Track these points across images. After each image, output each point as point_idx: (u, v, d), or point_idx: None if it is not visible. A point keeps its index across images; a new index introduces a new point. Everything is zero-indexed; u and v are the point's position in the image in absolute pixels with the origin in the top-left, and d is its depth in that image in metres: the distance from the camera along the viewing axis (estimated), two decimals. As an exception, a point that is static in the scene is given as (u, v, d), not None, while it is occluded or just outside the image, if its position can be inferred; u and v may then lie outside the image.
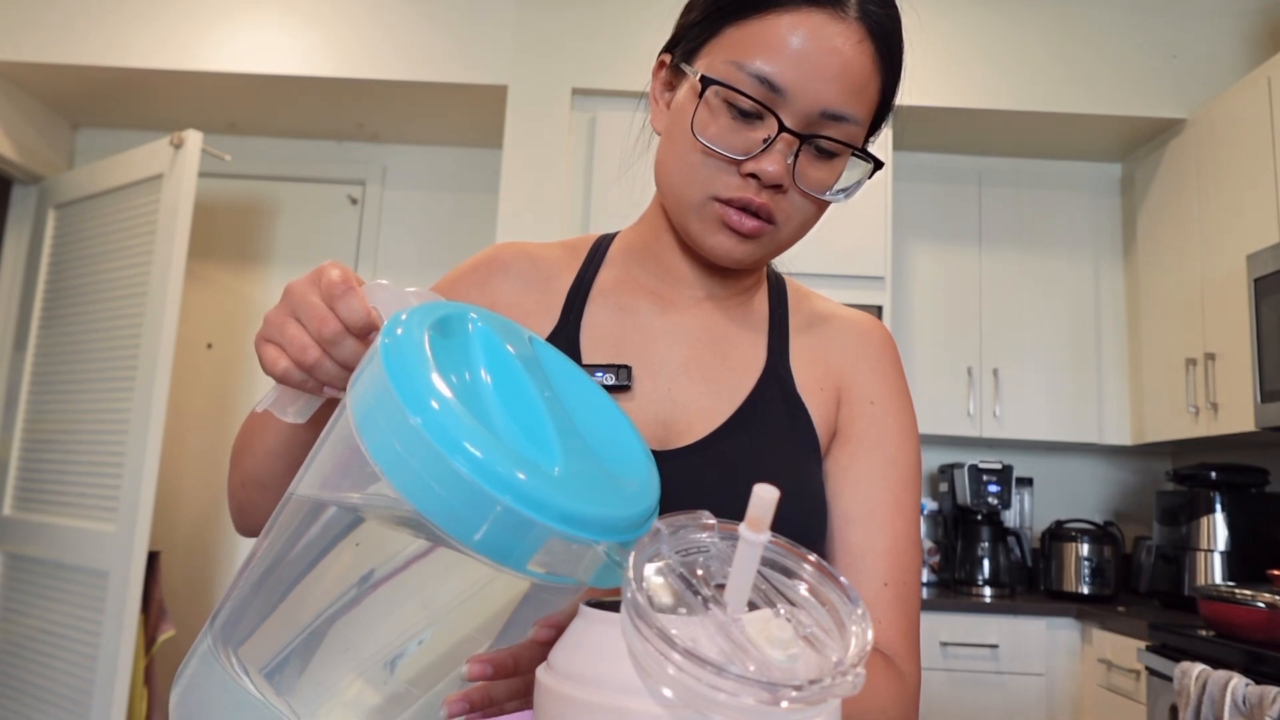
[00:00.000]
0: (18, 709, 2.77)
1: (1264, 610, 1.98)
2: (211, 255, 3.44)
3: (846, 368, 0.80)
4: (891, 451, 0.77)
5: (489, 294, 0.81)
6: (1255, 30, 3.02)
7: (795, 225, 0.73)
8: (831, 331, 0.82)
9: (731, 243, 0.72)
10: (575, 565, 0.43)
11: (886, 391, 0.80)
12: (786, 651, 0.35)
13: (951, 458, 3.32)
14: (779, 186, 0.69)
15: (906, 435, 0.79)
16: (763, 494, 0.36)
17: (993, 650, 2.68)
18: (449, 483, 0.40)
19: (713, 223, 0.72)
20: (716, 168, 0.70)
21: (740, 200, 0.70)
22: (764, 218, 0.70)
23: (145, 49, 2.96)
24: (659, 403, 0.75)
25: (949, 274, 3.22)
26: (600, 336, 0.78)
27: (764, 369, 0.78)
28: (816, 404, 0.78)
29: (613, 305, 0.80)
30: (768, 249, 0.74)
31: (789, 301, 0.84)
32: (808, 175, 0.70)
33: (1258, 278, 2.47)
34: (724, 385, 0.77)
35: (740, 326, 0.80)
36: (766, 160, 0.68)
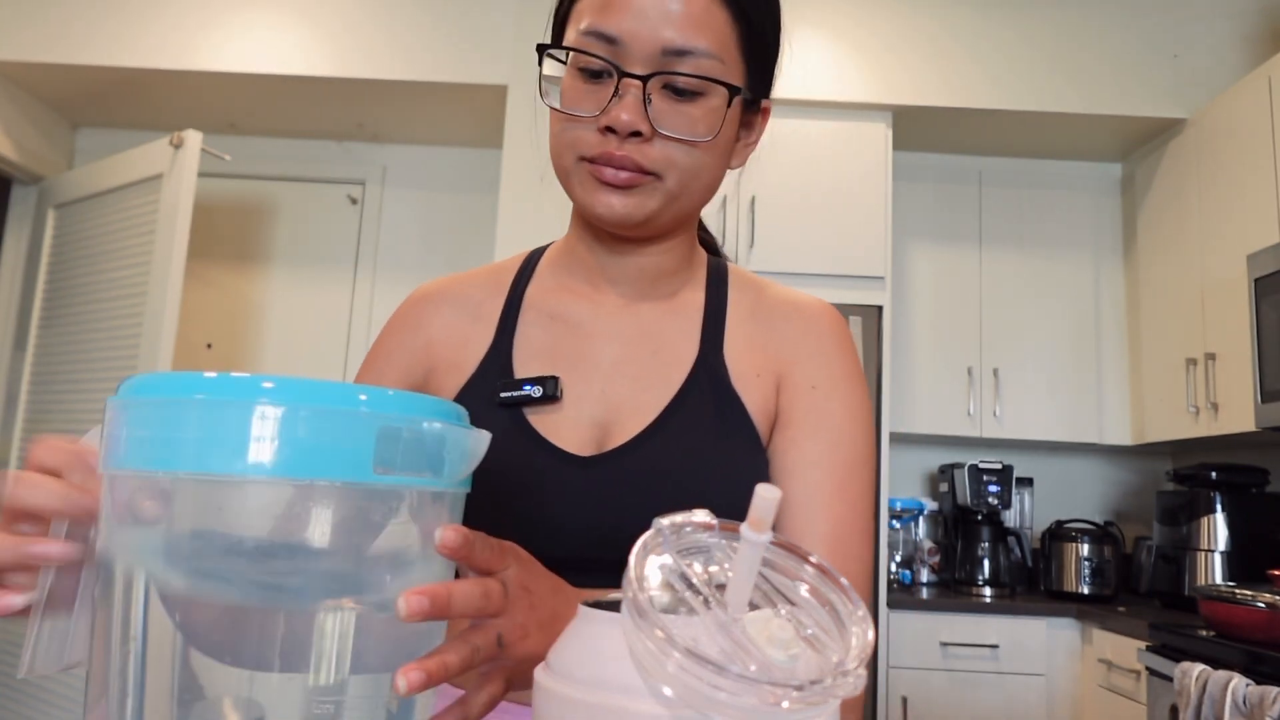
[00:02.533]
0: (18, 709, 2.77)
1: (1264, 610, 1.98)
2: (211, 255, 3.44)
3: (787, 353, 0.78)
4: (833, 436, 0.75)
5: (421, 335, 0.81)
6: (1255, 30, 3.02)
7: (679, 173, 0.71)
8: (774, 318, 0.80)
9: (612, 198, 0.70)
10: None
11: (830, 376, 0.77)
12: (787, 651, 0.35)
13: (951, 458, 3.32)
14: (639, 135, 0.68)
15: (852, 420, 0.76)
16: (764, 494, 0.36)
17: (993, 650, 2.68)
18: (336, 427, 0.40)
19: (589, 183, 0.71)
20: (578, 131, 0.70)
21: (603, 155, 0.69)
22: (631, 168, 0.69)
23: (145, 49, 2.96)
24: (593, 405, 0.75)
25: (949, 274, 3.22)
26: (533, 349, 0.78)
27: (695, 361, 0.77)
28: (752, 392, 0.76)
29: (544, 316, 0.80)
30: (657, 201, 0.71)
31: (729, 291, 0.82)
32: (668, 118, 0.69)
33: (1258, 278, 2.47)
34: (656, 381, 0.76)
35: (673, 320, 0.79)
36: (617, 110, 0.68)
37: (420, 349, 0.81)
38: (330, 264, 3.46)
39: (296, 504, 0.41)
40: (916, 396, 3.13)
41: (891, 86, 2.99)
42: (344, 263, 3.46)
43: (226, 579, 0.42)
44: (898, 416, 3.09)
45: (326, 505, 0.41)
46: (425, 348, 0.81)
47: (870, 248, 2.91)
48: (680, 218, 0.76)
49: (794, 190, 2.94)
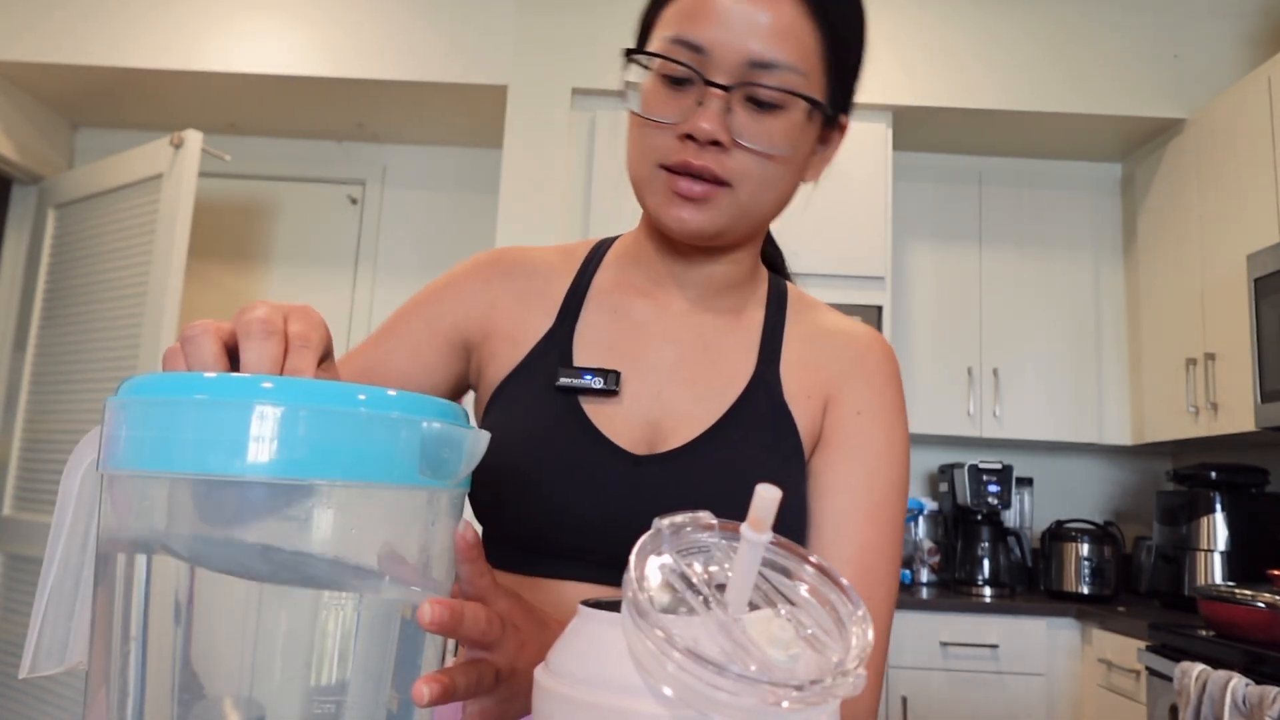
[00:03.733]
0: (18, 709, 2.77)
1: (1264, 610, 1.98)
2: (211, 255, 3.44)
3: (838, 378, 0.79)
4: (870, 463, 0.76)
5: (489, 295, 0.82)
6: (1255, 30, 3.02)
7: (753, 185, 0.71)
8: (829, 342, 0.81)
9: (686, 212, 0.71)
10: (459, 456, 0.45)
11: (876, 404, 0.78)
12: (787, 651, 0.35)
13: (951, 458, 3.32)
14: (718, 144, 0.69)
15: (891, 449, 0.77)
16: (765, 494, 0.36)
17: (993, 650, 2.68)
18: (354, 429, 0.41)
19: (664, 194, 0.71)
20: (659, 138, 0.71)
21: (681, 164, 0.69)
22: (709, 179, 0.70)
23: (145, 49, 2.96)
24: (648, 405, 0.75)
25: (949, 274, 3.22)
26: (593, 339, 0.78)
27: (753, 375, 0.77)
28: (803, 411, 0.77)
29: (606, 308, 0.80)
30: (727, 214, 0.72)
31: (788, 310, 0.83)
32: (749, 130, 0.69)
33: (1258, 278, 2.47)
34: (712, 390, 0.76)
35: (733, 332, 0.80)
36: (699, 118, 0.68)
37: (485, 308, 0.81)
38: (330, 264, 3.46)
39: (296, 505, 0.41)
40: (916, 396, 3.13)
41: (891, 86, 2.99)
42: (344, 263, 3.46)
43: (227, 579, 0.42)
44: (898, 416, 3.08)
45: (327, 506, 0.41)
46: (489, 309, 0.81)
47: (870, 248, 2.91)
48: (750, 231, 0.77)
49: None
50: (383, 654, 0.44)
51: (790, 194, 0.77)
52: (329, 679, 0.42)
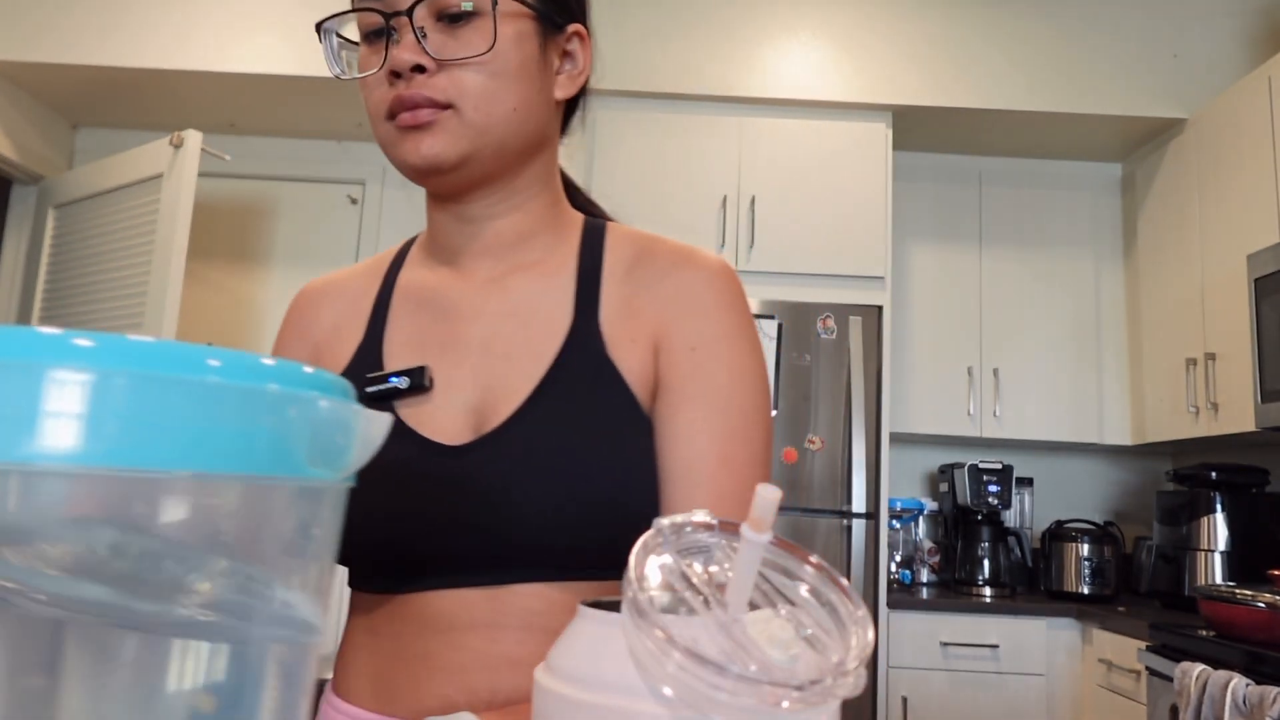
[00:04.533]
0: (17, 709, 2.77)
1: (1264, 610, 1.98)
2: (211, 255, 3.44)
3: (664, 314, 0.71)
4: (719, 401, 0.69)
5: (310, 339, 0.80)
6: (1255, 30, 3.02)
7: (476, 97, 0.68)
8: (650, 275, 0.74)
9: (414, 141, 0.68)
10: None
11: (713, 335, 0.71)
12: (788, 652, 0.35)
13: (951, 458, 3.32)
14: (420, 69, 0.67)
15: (739, 382, 0.70)
16: (764, 494, 0.36)
17: (993, 650, 2.68)
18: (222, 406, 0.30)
19: (396, 140, 0.69)
20: (376, 94, 0.70)
21: (395, 101, 0.68)
22: (424, 104, 0.67)
23: (145, 49, 2.96)
24: (465, 391, 0.71)
25: (949, 274, 3.22)
26: (402, 339, 0.75)
27: (568, 332, 0.71)
28: (628, 359, 0.70)
29: (412, 305, 0.77)
30: (460, 134, 0.68)
31: (606, 251, 0.76)
32: (446, 46, 0.68)
33: (1258, 278, 2.47)
34: (527, 357, 0.71)
35: (544, 288, 0.74)
36: (395, 53, 0.67)
37: (307, 353, 0.79)
38: (330, 264, 3.46)
39: (118, 502, 0.30)
40: (916, 396, 3.13)
41: (891, 86, 2.99)
42: (344, 263, 3.46)
43: (19, 596, 0.29)
44: (898, 416, 3.09)
45: (162, 503, 0.30)
46: (313, 351, 0.79)
47: (870, 248, 2.91)
48: (504, 153, 0.72)
49: (794, 190, 2.94)
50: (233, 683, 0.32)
51: (533, 108, 0.72)
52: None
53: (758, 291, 2.88)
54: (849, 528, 2.69)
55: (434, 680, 0.68)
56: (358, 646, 0.73)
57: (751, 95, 2.98)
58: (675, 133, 2.98)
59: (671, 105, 2.98)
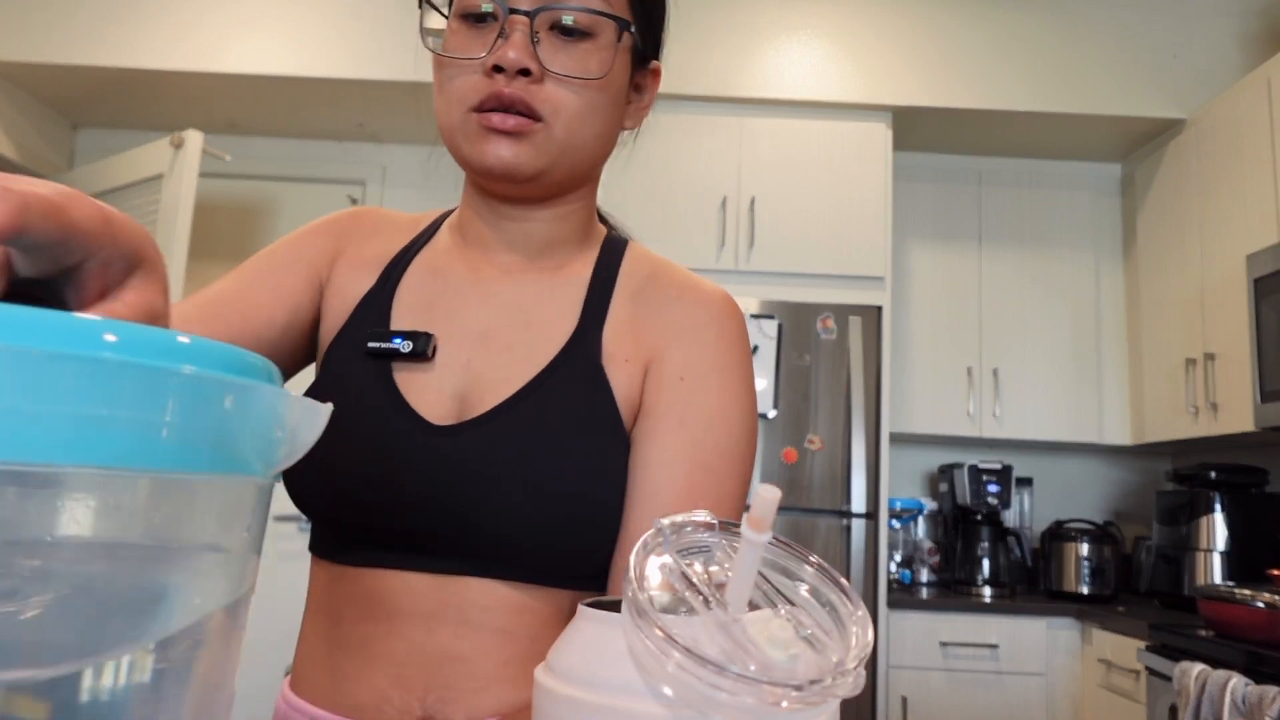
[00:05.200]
0: (18, 709, 2.77)
1: (1264, 610, 1.99)
2: (211, 255, 3.44)
3: (661, 340, 0.72)
4: (695, 433, 0.68)
5: (338, 245, 0.80)
6: (1255, 30, 3.02)
7: (569, 117, 0.68)
8: (657, 299, 0.74)
9: (500, 147, 0.67)
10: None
11: (705, 367, 0.71)
12: (787, 651, 0.35)
13: (951, 458, 3.32)
14: (527, 73, 0.66)
15: (722, 418, 0.69)
16: (764, 494, 0.36)
17: (993, 650, 2.68)
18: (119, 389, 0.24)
19: (476, 135, 0.68)
20: (465, 80, 0.67)
21: (491, 97, 0.66)
22: (522, 112, 0.66)
23: (145, 49, 2.96)
24: (457, 374, 0.71)
25: (949, 274, 3.22)
26: (411, 302, 0.75)
27: (570, 337, 0.71)
28: (619, 376, 0.70)
29: (428, 272, 0.77)
30: (544, 150, 0.68)
31: (622, 268, 0.76)
32: (558, 57, 0.67)
33: (1258, 278, 2.47)
34: (524, 355, 0.71)
35: (554, 293, 0.74)
36: (505, 48, 0.65)
37: (332, 255, 0.79)
38: (330, 264, 3.47)
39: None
40: (916, 396, 3.13)
41: (891, 86, 2.99)
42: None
43: None
44: (898, 416, 3.09)
45: (43, 502, 0.23)
46: (335, 258, 0.79)
47: (870, 248, 2.91)
48: (574, 175, 0.72)
49: (794, 190, 2.94)
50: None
51: (611, 136, 0.74)
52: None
53: (758, 291, 2.88)
54: (849, 528, 2.69)
55: (371, 669, 0.66)
56: (309, 632, 0.71)
57: (751, 95, 2.98)
58: (675, 133, 2.98)
59: (672, 105, 2.98)
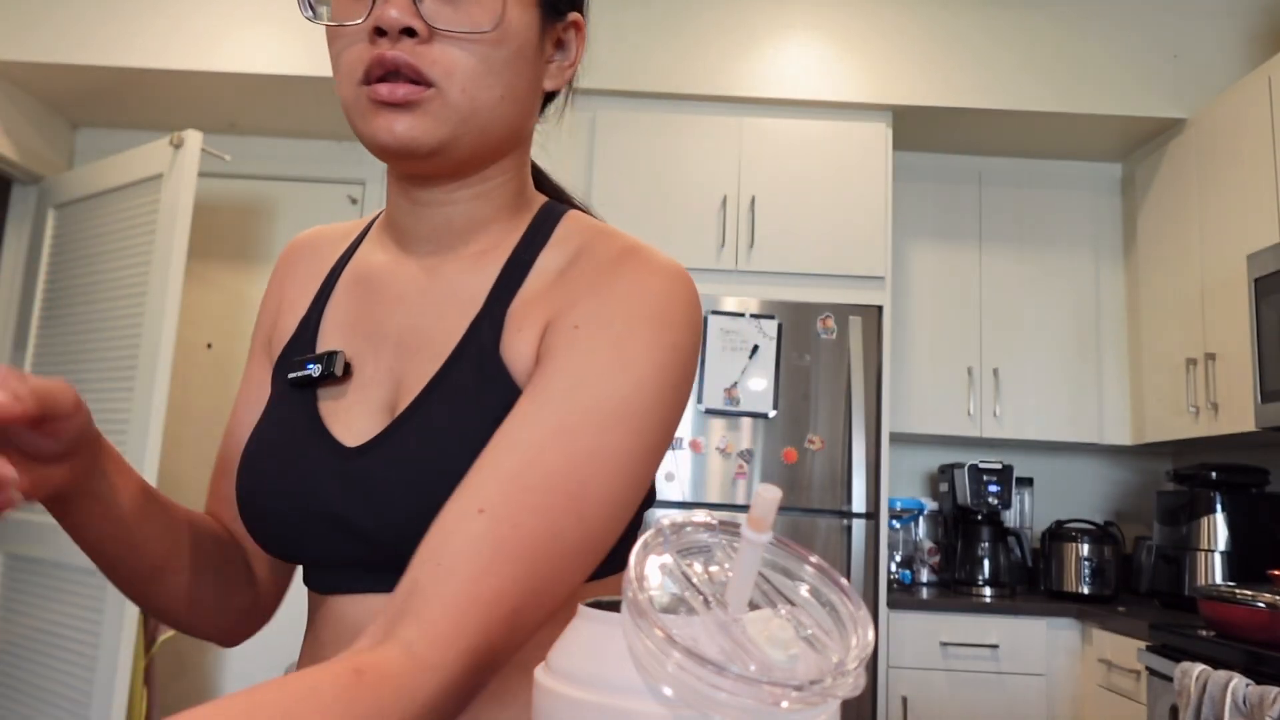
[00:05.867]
0: (18, 709, 2.77)
1: (1265, 610, 1.98)
2: (211, 255, 3.44)
3: (568, 298, 0.63)
4: (579, 375, 0.58)
5: (281, 293, 0.76)
6: (1255, 30, 3.02)
7: (465, 79, 0.61)
8: (580, 264, 0.66)
9: (393, 121, 0.61)
10: None
11: (606, 316, 0.60)
12: (787, 652, 0.35)
13: (951, 458, 3.31)
14: (411, 33, 0.60)
15: (618, 364, 0.58)
16: (765, 494, 0.36)
17: (993, 650, 2.68)
18: None
19: (368, 111, 0.62)
20: (353, 50, 0.62)
21: (375, 64, 0.60)
22: (411, 78, 0.60)
23: (145, 49, 2.96)
24: (381, 384, 0.66)
25: (949, 274, 3.22)
26: (338, 320, 0.71)
27: (470, 324, 0.65)
28: (515, 348, 0.63)
29: (352, 285, 0.72)
30: (442, 118, 0.62)
31: (552, 239, 0.69)
32: (443, 13, 0.61)
33: (1258, 278, 2.47)
34: (431, 352, 0.65)
35: (470, 277, 0.67)
36: (385, 7, 0.59)
37: (275, 307, 0.76)
38: (330, 264, 3.46)
39: None
40: (916, 396, 3.13)
41: (891, 86, 2.99)
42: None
43: None
44: (898, 416, 3.09)
45: None
46: (278, 306, 0.75)
47: (870, 248, 2.91)
48: (486, 144, 0.65)
49: (794, 190, 2.94)
50: None
51: (524, 97, 0.67)
52: None
53: (758, 291, 2.88)
54: (849, 528, 2.69)
55: None
56: (304, 658, 0.70)
57: (751, 95, 2.98)
58: (675, 133, 2.98)
59: (671, 105, 2.98)
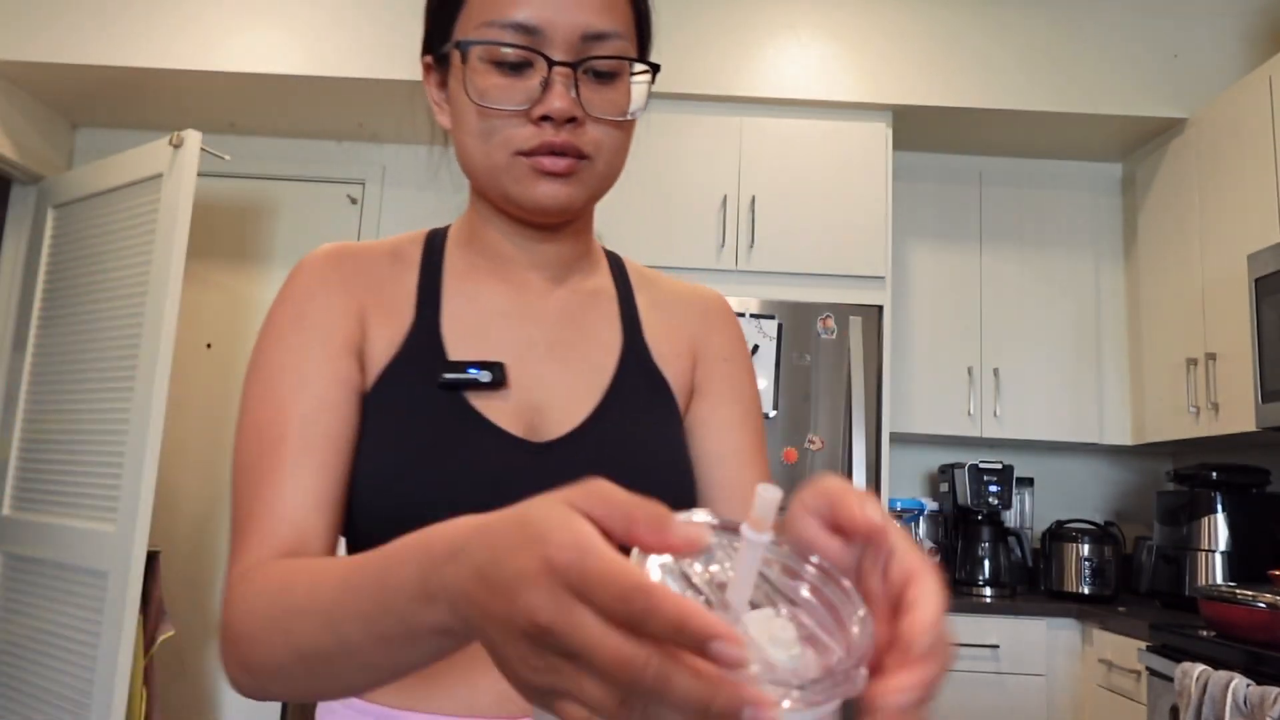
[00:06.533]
0: (17, 709, 2.77)
1: (1265, 610, 1.98)
2: (211, 255, 3.44)
3: (697, 333, 0.85)
4: (748, 404, 0.84)
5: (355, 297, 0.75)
6: (1255, 30, 3.02)
7: (608, 153, 0.73)
8: (677, 302, 0.86)
9: (554, 188, 0.71)
10: None
11: (736, 352, 0.86)
12: (789, 651, 0.35)
13: (951, 458, 3.31)
14: (574, 120, 0.70)
15: (755, 392, 0.86)
16: (765, 494, 0.36)
17: (993, 650, 2.68)
18: None
19: (527, 177, 0.72)
20: (507, 126, 0.71)
21: (543, 147, 0.70)
22: (572, 154, 0.71)
23: (145, 49, 2.95)
24: (530, 391, 0.75)
25: (949, 274, 3.22)
26: (462, 331, 0.76)
27: (623, 346, 0.80)
28: (675, 371, 0.81)
29: (465, 298, 0.78)
30: (590, 185, 0.74)
31: (631, 278, 0.86)
32: (596, 101, 0.71)
33: (1258, 278, 2.47)
34: (588, 367, 0.78)
35: (593, 307, 0.82)
36: (552, 99, 0.69)
37: (355, 310, 0.75)
38: (330, 264, 3.46)
39: None
40: (916, 396, 3.13)
41: (891, 86, 2.99)
42: (344, 263, 3.46)
43: None
44: (898, 416, 3.08)
45: None
46: (359, 309, 0.75)
47: (870, 248, 2.91)
48: (596, 200, 0.79)
49: (794, 190, 2.94)
50: None
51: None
52: None
53: (758, 291, 2.88)
54: (849, 528, 2.69)
55: (488, 675, 0.66)
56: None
57: (751, 95, 2.98)
58: (675, 132, 2.98)
59: (671, 105, 2.98)
